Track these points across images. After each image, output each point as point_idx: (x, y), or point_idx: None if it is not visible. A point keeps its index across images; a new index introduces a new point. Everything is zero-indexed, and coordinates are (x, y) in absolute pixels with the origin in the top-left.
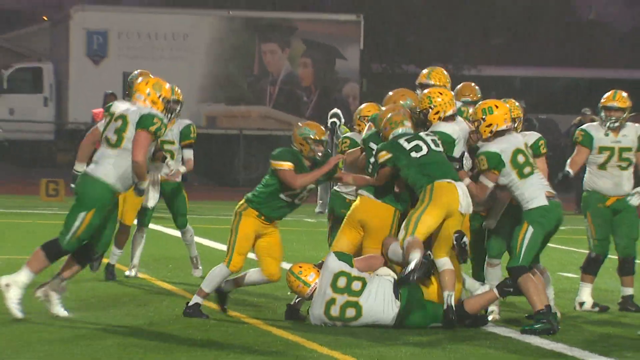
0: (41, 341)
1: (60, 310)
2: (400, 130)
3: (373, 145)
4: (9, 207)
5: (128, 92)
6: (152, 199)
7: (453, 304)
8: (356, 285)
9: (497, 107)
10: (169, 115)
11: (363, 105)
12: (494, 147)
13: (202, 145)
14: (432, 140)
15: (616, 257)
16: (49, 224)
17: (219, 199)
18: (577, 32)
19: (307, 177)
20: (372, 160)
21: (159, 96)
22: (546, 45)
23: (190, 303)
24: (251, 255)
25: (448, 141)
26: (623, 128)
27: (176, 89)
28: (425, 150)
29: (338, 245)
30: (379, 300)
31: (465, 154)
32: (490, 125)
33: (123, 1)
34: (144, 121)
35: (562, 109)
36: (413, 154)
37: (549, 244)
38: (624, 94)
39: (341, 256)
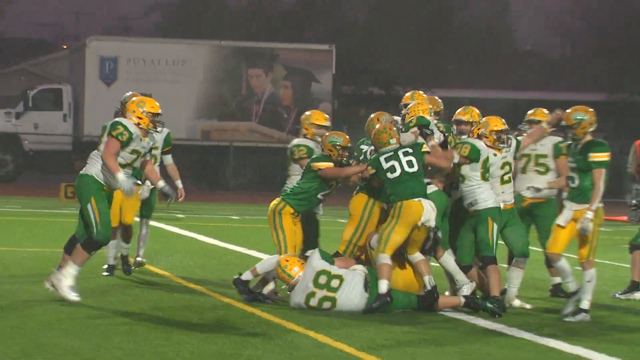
0: (59, 320)
1: (71, 295)
2: (386, 149)
3: (364, 147)
4: (33, 207)
5: (120, 111)
6: (145, 191)
7: (434, 284)
8: (335, 283)
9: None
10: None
11: (309, 113)
12: (479, 144)
13: (198, 155)
14: (408, 161)
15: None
16: (67, 221)
17: (213, 201)
18: (517, 59)
19: (351, 169)
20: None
21: (143, 111)
22: (491, 71)
23: (243, 277)
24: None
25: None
26: (543, 138)
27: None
28: (398, 172)
29: (344, 235)
30: (353, 294)
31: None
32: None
33: (132, 32)
34: (110, 128)
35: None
36: (388, 174)
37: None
38: (545, 110)
39: (324, 255)
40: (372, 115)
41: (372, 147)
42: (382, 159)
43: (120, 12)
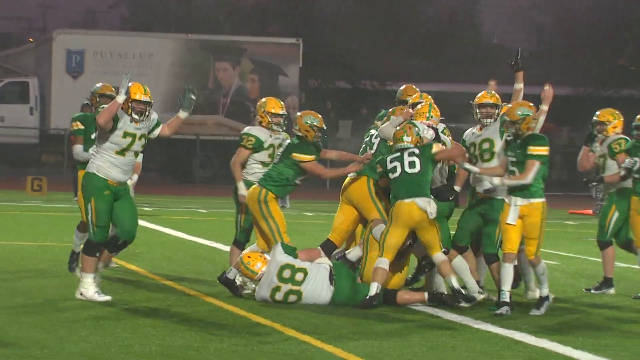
0: (25, 314)
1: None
2: (398, 145)
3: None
4: (0, 201)
5: (91, 102)
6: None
7: (457, 287)
8: (299, 276)
9: None
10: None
11: (265, 100)
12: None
13: (165, 149)
14: (410, 162)
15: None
16: (34, 214)
17: (180, 194)
18: (483, 54)
19: (332, 173)
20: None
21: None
22: (457, 65)
23: (229, 275)
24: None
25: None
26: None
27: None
28: (398, 172)
29: (336, 222)
30: (318, 287)
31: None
32: None
33: (98, 25)
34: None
35: (471, 119)
36: (390, 175)
37: None
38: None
39: (287, 249)
40: (392, 109)
41: (378, 133)
42: (388, 159)
43: (87, 5)
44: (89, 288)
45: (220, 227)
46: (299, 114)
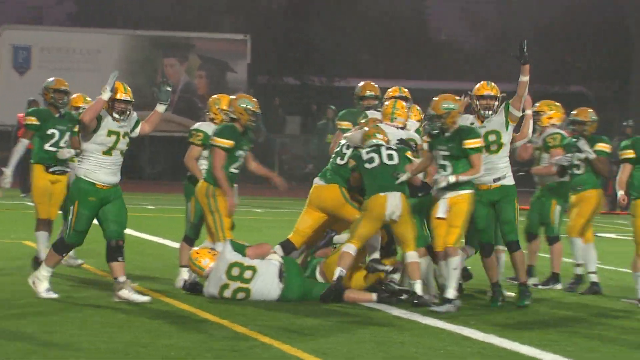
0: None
1: (137, 297)
2: (372, 141)
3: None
4: None
5: (45, 98)
6: None
7: (417, 292)
8: (248, 274)
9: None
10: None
11: (219, 98)
12: None
13: None
14: (389, 154)
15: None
16: None
17: (128, 190)
18: (431, 50)
19: (220, 174)
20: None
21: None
22: (406, 61)
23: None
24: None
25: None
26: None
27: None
28: (376, 163)
29: (301, 225)
30: (267, 284)
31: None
32: None
33: (45, 21)
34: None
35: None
36: (367, 165)
37: None
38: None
39: (236, 246)
40: (365, 120)
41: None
42: (363, 151)
43: (34, 0)
44: (43, 281)
45: (168, 224)
46: (233, 97)
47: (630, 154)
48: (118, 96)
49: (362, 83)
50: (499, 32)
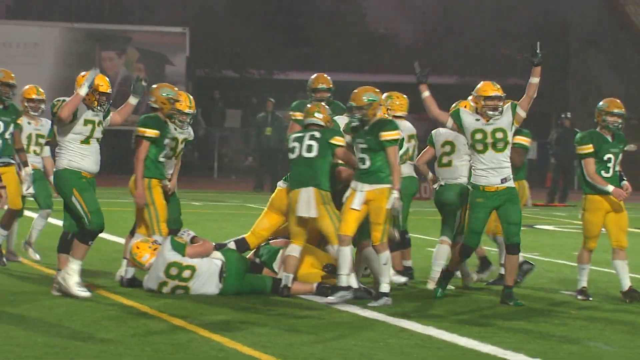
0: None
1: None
2: (307, 120)
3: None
4: None
5: None
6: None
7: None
8: (186, 274)
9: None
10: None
11: (156, 86)
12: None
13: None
14: (308, 145)
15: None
16: None
17: None
18: (370, 43)
19: (140, 165)
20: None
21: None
22: (345, 54)
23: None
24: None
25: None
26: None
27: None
28: (296, 154)
29: (258, 227)
30: (206, 283)
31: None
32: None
33: None
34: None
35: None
36: (289, 154)
37: None
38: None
39: (175, 245)
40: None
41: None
42: (292, 137)
43: None
44: (73, 275)
45: (107, 217)
46: (155, 86)
47: (589, 148)
48: (104, 89)
49: (314, 75)
50: (438, 25)
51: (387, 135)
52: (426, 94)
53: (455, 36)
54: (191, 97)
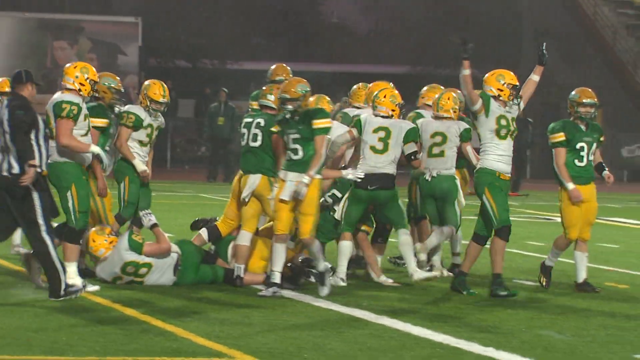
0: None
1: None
2: (260, 101)
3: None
4: None
5: None
6: None
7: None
8: (143, 271)
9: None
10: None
11: (149, 83)
12: None
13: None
14: (254, 134)
15: None
16: None
17: None
18: (322, 32)
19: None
20: None
21: (86, 78)
22: (297, 44)
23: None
24: None
25: None
26: None
27: None
28: (244, 141)
29: (228, 214)
30: (162, 276)
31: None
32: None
33: None
34: (56, 110)
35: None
36: (241, 141)
37: None
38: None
39: (132, 244)
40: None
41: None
42: (242, 123)
43: None
44: (75, 278)
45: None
46: (99, 75)
47: (561, 137)
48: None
49: (274, 66)
50: (391, 15)
51: (319, 124)
52: (467, 71)
53: (409, 26)
54: (165, 86)
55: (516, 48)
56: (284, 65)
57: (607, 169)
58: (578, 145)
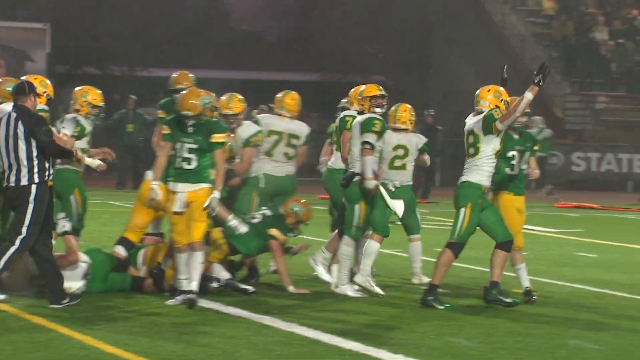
0: None
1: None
2: (183, 113)
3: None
4: None
5: None
6: None
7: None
8: None
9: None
10: None
11: (87, 89)
12: None
13: None
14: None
15: None
16: None
17: None
18: (231, 39)
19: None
20: None
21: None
22: (206, 50)
23: None
24: None
25: None
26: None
27: None
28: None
29: (133, 222)
30: (70, 285)
31: None
32: None
33: None
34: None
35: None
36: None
37: None
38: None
39: None
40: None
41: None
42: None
43: None
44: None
45: None
46: (78, 89)
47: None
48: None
49: (175, 74)
50: (303, 22)
51: (218, 138)
52: (531, 96)
53: (320, 33)
54: (99, 91)
55: (426, 55)
56: (186, 72)
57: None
58: (509, 154)
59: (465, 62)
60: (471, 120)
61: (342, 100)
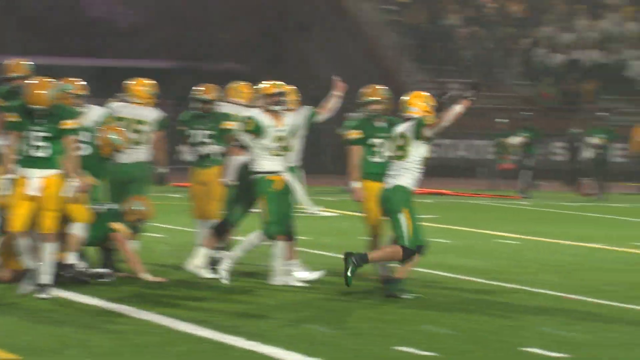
0: None
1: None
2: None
3: None
4: None
5: None
6: None
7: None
8: None
9: None
10: None
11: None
12: None
13: None
14: (39, 137)
15: None
16: None
17: None
18: (83, 26)
19: None
20: None
21: None
22: (56, 37)
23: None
24: None
25: None
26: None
27: None
28: None
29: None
30: None
31: None
32: None
33: None
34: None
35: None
36: None
37: None
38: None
39: None
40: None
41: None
42: None
43: None
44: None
45: None
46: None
47: (357, 134)
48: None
49: (9, 61)
50: (154, 9)
51: (69, 124)
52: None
53: (173, 19)
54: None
55: (278, 42)
56: (21, 61)
57: None
58: (372, 142)
59: (320, 50)
60: (402, 125)
61: (196, 89)
